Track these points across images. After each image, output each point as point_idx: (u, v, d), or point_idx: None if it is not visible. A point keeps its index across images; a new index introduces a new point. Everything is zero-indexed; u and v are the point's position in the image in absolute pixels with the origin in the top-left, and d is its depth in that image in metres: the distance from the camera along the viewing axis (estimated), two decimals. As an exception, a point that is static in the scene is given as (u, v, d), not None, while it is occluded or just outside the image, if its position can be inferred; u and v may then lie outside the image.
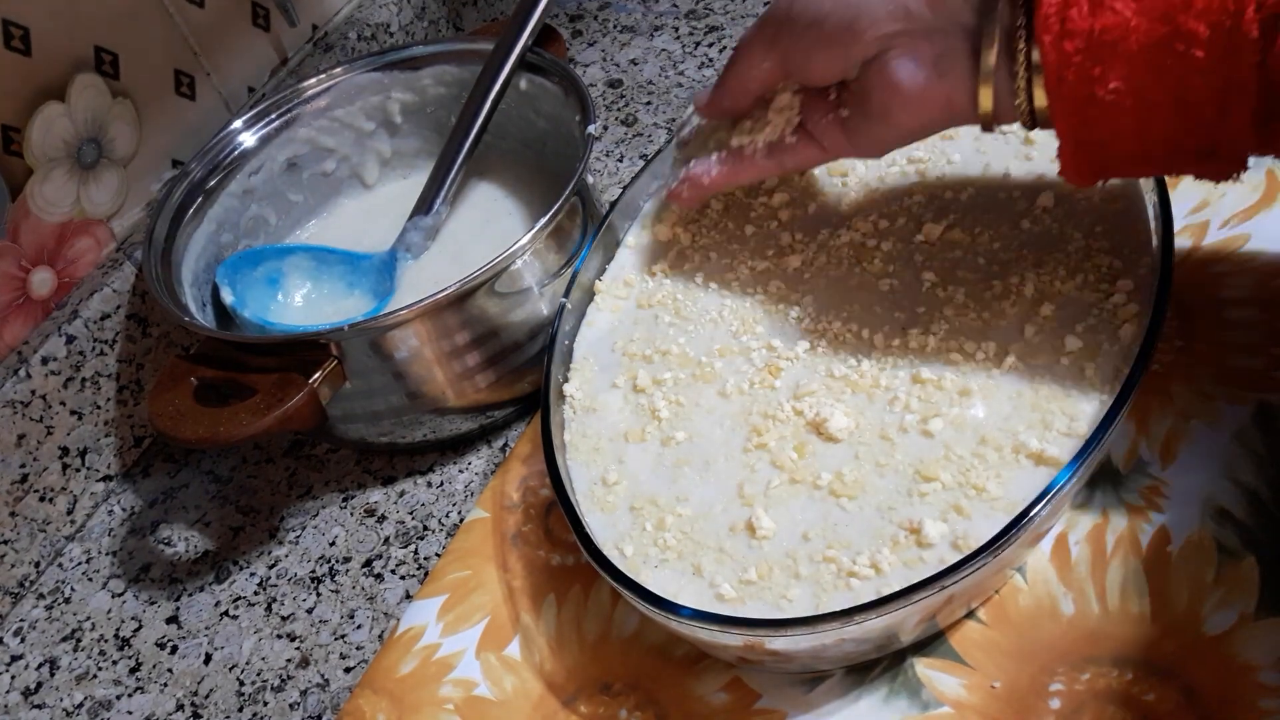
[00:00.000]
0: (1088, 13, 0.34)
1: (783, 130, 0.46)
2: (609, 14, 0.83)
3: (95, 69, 0.58)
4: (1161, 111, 0.35)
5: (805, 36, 0.42)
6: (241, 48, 0.68)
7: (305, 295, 0.62)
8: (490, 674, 0.46)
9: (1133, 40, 0.34)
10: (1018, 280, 0.45)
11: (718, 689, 0.43)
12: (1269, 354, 0.46)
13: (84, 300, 0.58)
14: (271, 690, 0.50)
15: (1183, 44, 0.33)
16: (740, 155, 0.47)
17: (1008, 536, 0.36)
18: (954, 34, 0.38)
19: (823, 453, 0.43)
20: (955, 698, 0.40)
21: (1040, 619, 0.41)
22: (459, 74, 0.64)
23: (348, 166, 0.68)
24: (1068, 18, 0.35)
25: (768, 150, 0.46)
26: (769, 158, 0.47)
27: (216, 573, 0.56)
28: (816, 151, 0.45)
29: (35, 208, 0.56)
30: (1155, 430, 0.45)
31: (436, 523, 0.54)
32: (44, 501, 0.58)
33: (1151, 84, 0.34)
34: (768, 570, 0.40)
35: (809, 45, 0.42)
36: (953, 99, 0.40)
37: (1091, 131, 0.37)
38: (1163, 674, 0.39)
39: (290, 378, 0.49)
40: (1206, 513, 0.42)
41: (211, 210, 0.62)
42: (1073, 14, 0.34)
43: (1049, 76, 0.36)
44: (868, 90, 0.41)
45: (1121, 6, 0.34)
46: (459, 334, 0.51)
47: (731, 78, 0.46)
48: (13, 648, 0.55)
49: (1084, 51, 0.35)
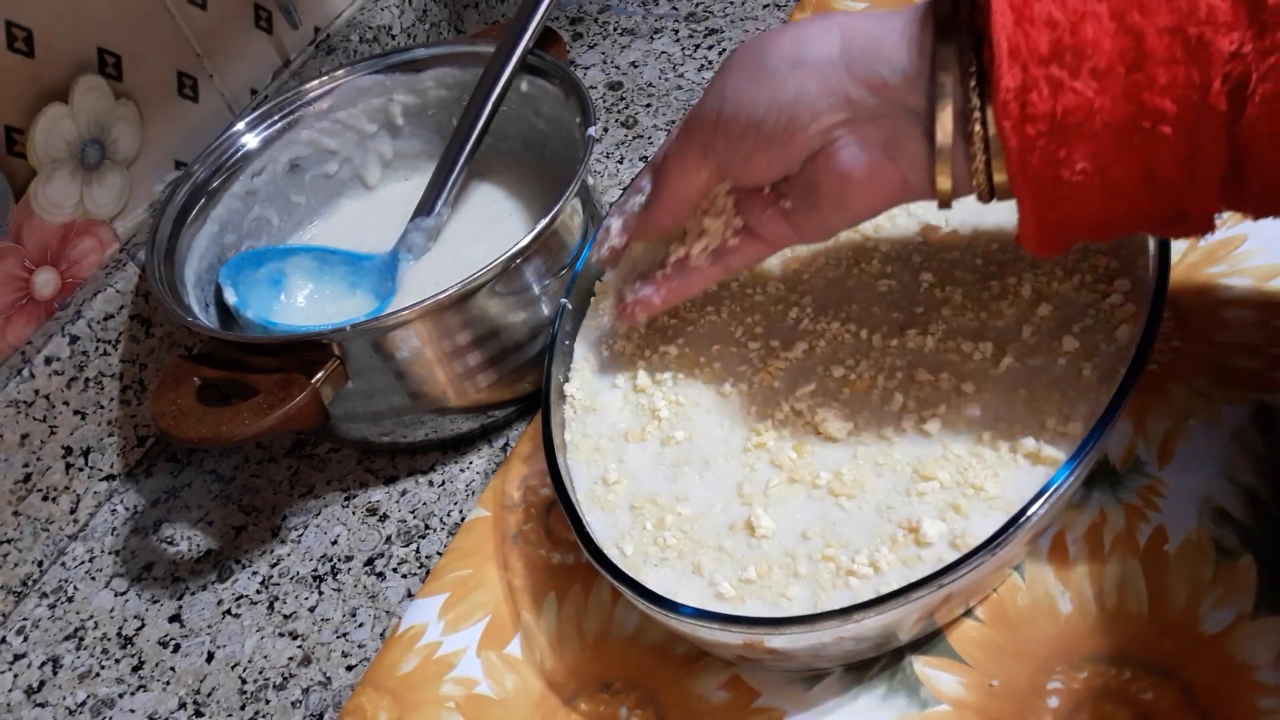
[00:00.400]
0: (1048, 95, 0.33)
1: (723, 235, 0.44)
2: (609, 17, 0.83)
3: (98, 70, 0.59)
4: (1129, 185, 0.34)
5: (743, 141, 0.40)
6: (244, 49, 0.68)
7: (308, 296, 0.62)
8: (491, 672, 0.47)
9: (1098, 120, 0.33)
10: (1015, 281, 0.45)
11: (717, 687, 0.43)
12: (1267, 354, 0.46)
13: (87, 301, 0.59)
14: (274, 688, 0.50)
15: (1149, 121, 0.32)
16: (685, 267, 0.45)
17: (1005, 535, 0.36)
18: (901, 117, 0.36)
19: (821, 452, 0.43)
20: (954, 696, 0.40)
21: (1038, 618, 0.42)
22: (460, 76, 0.64)
23: (350, 168, 0.68)
24: (1028, 101, 0.33)
25: (711, 257, 0.44)
26: (715, 264, 0.44)
27: (219, 571, 0.56)
28: (761, 247, 0.43)
29: (38, 208, 0.57)
30: (1153, 430, 0.45)
31: (438, 521, 0.54)
32: (47, 501, 0.58)
33: (1119, 161, 0.33)
34: (767, 569, 0.40)
35: (748, 150, 0.40)
36: (908, 180, 0.38)
37: (1058, 210, 0.35)
38: (1161, 673, 0.39)
39: (292, 378, 0.50)
40: (1204, 512, 0.42)
41: (214, 211, 0.62)
42: (1033, 97, 0.33)
43: (1011, 160, 0.34)
44: (814, 181, 0.39)
45: (1082, 87, 0.32)
46: (460, 334, 0.51)
47: (666, 196, 0.44)
48: (16, 646, 0.55)
49: (1047, 135, 0.33)
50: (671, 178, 0.43)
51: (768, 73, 0.38)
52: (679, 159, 0.43)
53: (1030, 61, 0.33)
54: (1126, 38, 0.32)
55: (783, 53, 0.38)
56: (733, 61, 0.40)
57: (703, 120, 0.41)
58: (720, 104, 0.40)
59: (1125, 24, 0.32)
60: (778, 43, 0.39)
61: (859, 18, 0.38)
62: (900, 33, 0.36)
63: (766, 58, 0.39)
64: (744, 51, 0.40)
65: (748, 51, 0.40)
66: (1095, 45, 0.32)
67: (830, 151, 0.38)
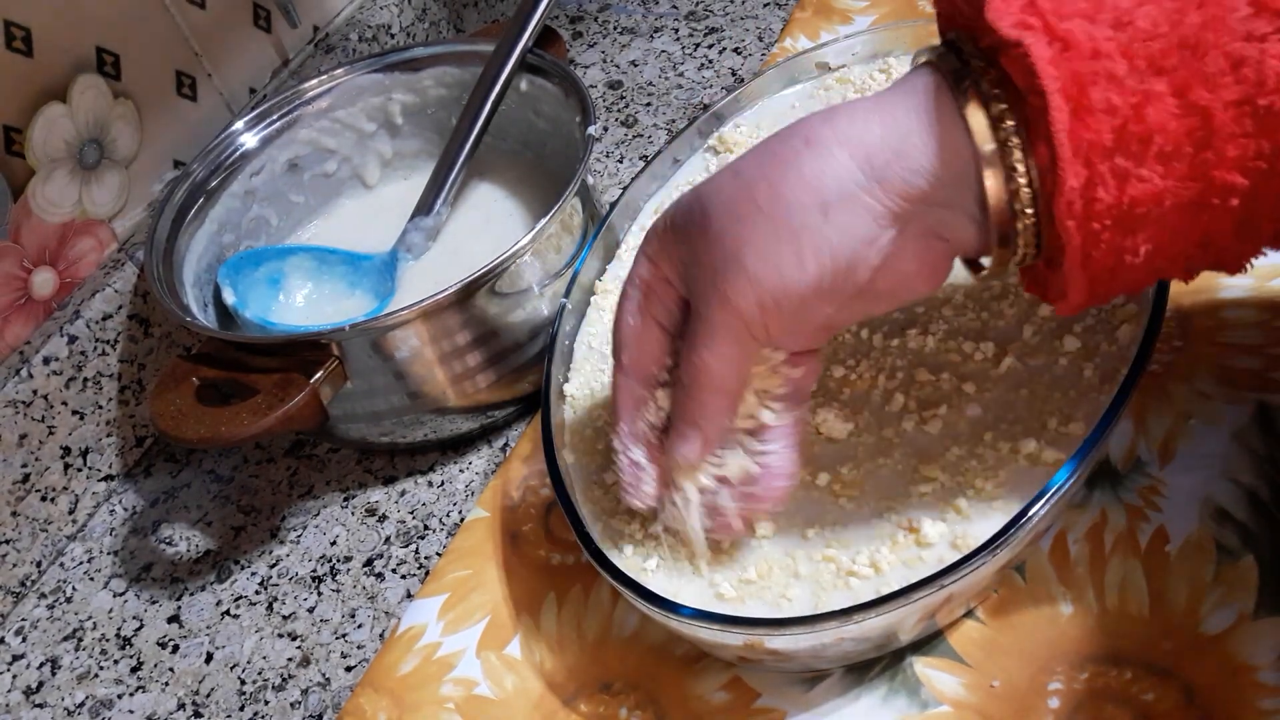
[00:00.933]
0: (1115, 188, 0.31)
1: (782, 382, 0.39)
2: (609, 15, 0.83)
3: (97, 70, 0.58)
4: (1182, 251, 0.33)
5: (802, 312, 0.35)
6: (243, 49, 0.68)
7: (306, 295, 0.62)
8: (491, 673, 0.47)
9: (1166, 204, 0.31)
10: (1016, 280, 0.45)
11: (717, 688, 0.43)
12: (1267, 354, 0.46)
13: (86, 300, 0.59)
14: (273, 689, 0.50)
15: (1218, 198, 0.31)
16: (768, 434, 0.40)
17: (1006, 536, 0.36)
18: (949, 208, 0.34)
19: (822, 452, 0.43)
20: (954, 697, 0.40)
21: (1039, 618, 0.41)
22: (460, 75, 0.64)
23: (349, 167, 0.68)
24: (1093, 198, 0.31)
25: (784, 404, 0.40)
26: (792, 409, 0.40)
27: (218, 572, 0.56)
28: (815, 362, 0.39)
29: (37, 208, 0.57)
30: (1154, 430, 0.45)
31: (437, 522, 0.54)
32: (46, 501, 0.58)
33: (1179, 236, 0.32)
34: (767, 569, 0.40)
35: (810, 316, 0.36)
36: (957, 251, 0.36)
37: (1109, 287, 0.34)
38: (1161, 673, 0.39)
39: (291, 378, 0.49)
40: (1205, 512, 0.42)
41: (213, 211, 0.62)
42: (1099, 193, 0.31)
43: (1071, 255, 0.32)
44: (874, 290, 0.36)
45: (1149, 174, 0.30)
46: (460, 334, 0.51)
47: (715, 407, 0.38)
48: (14, 647, 0.55)
49: (1113, 227, 0.31)
50: (717, 387, 0.37)
51: (797, 230, 0.34)
52: (725, 362, 0.37)
53: (1094, 156, 0.30)
54: (1193, 117, 0.30)
55: (802, 200, 0.34)
56: (740, 235, 0.35)
57: (740, 315, 0.35)
58: (758, 292, 0.35)
59: (1189, 102, 0.30)
60: (786, 190, 0.34)
61: (857, 124, 0.34)
62: (920, 134, 0.33)
63: (787, 213, 0.34)
64: (747, 218, 0.35)
65: (753, 217, 0.34)
66: (1161, 128, 0.30)
67: (886, 262, 0.35)
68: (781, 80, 0.59)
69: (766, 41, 0.75)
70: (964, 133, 0.32)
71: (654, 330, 0.39)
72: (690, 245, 0.37)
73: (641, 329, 0.39)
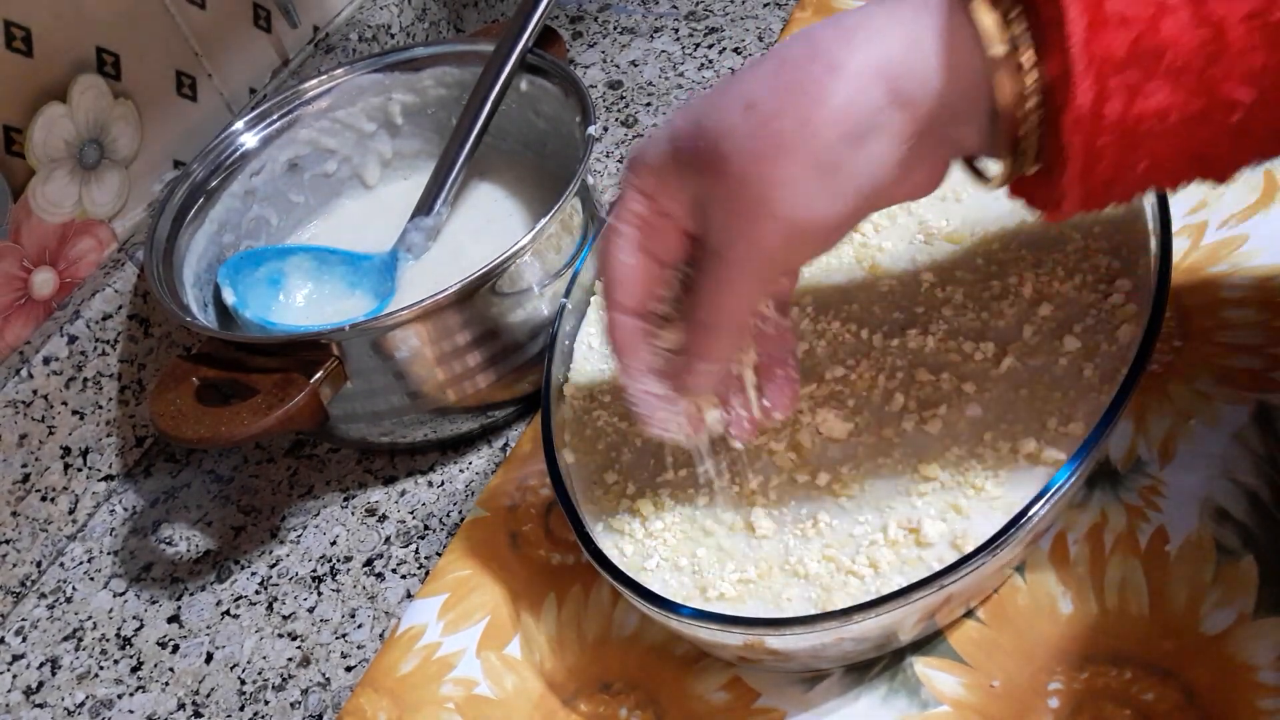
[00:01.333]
0: (1122, 104, 0.30)
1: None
2: (609, 15, 0.83)
3: (97, 70, 0.58)
4: (1176, 166, 0.33)
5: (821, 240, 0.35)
6: (243, 49, 0.68)
7: (307, 295, 0.62)
8: (491, 673, 0.47)
9: (1171, 119, 0.31)
10: (1016, 280, 0.45)
11: (717, 688, 0.43)
12: (1267, 354, 0.46)
13: (86, 300, 0.59)
14: (273, 689, 0.50)
15: (1221, 114, 0.31)
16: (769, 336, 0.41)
17: (1006, 536, 0.36)
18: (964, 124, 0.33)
19: (822, 452, 0.43)
20: (954, 697, 0.40)
21: (1039, 618, 0.41)
22: (460, 75, 0.64)
23: (349, 167, 0.68)
24: (1101, 114, 0.30)
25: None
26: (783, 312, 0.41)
27: (218, 572, 0.56)
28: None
29: (37, 208, 0.57)
30: (1154, 430, 0.45)
31: (437, 522, 0.54)
32: (46, 501, 0.58)
33: (1178, 152, 0.32)
34: (767, 569, 0.40)
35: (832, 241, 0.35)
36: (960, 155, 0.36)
37: (1102, 200, 0.34)
38: (1161, 673, 0.39)
39: (292, 378, 0.49)
40: (1205, 512, 0.42)
41: (213, 211, 0.62)
42: (1106, 109, 0.30)
43: (1073, 169, 0.32)
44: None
45: (1156, 88, 0.30)
46: (460, 334, 0.51)
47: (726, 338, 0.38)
48: (14, 647, 0.55)
49: (1117, 144, 0.31)
50: (737, 324, 0.37)
51: (830, 167, 0.33)
52: (747, 300, 0.36)
53: (1106, 69, 0.30)
54: (1206, 30, 0.30)
55: (832, 135, 0.33)
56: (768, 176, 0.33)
57: (768, 254, 0.35)
58: (788, 231, 0.34)
59: (1204, 14, 0.30)
60: (816, 126, 0.33)
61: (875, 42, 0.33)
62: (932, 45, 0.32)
63: (819, 150, 0.33)
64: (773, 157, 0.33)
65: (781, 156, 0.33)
66: (1174, 42, 0.30)
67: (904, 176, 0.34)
68: (781, 80, 0.59)
69: (766, 41, 0.75)
70: (973, 38, 0.32)
71: (651, 267, 0.38)
72: (704, 184, 0.35)
73: (638, 267, 0.38)
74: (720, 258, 0.35)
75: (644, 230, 0.37)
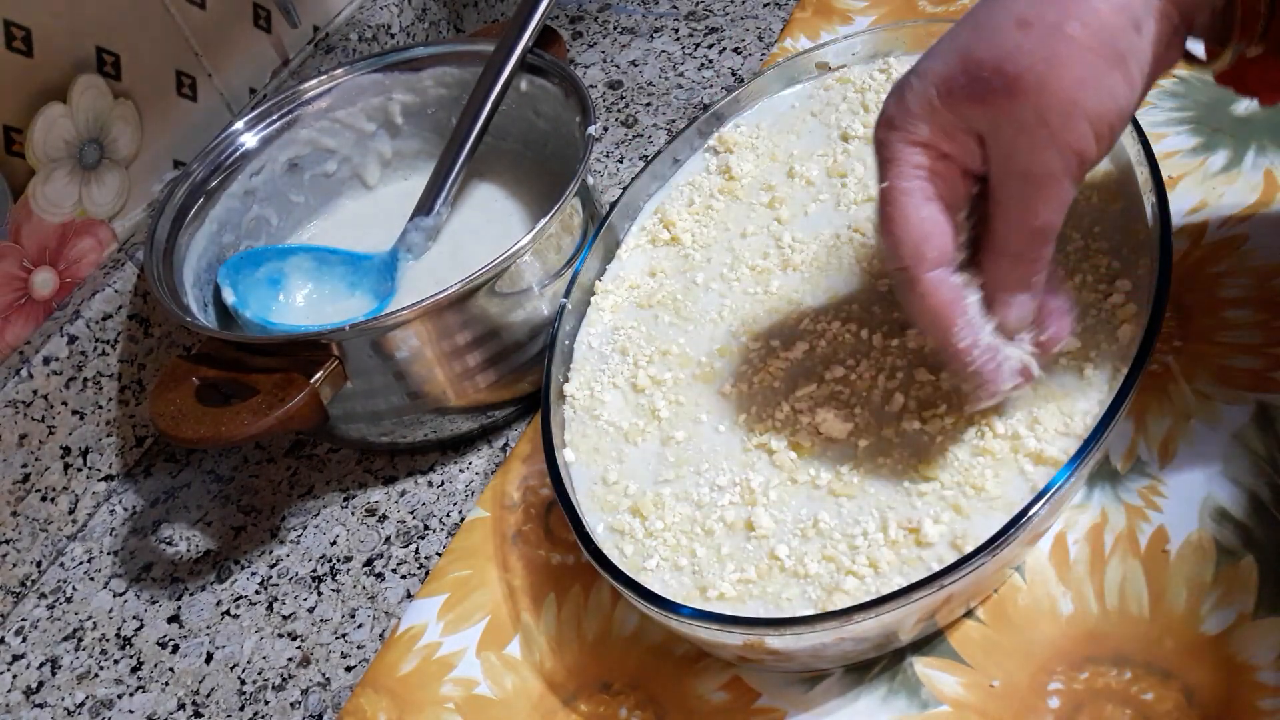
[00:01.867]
0: None
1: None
2: (609, 15, 0.83)
3: (97, 70, 0.58)
4: None
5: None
6: (243, 49, 0.68)
7: (307, 295, 0.62)
8: (491, 673, 0.47)
9: None
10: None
11: (717, 688, 0.43)
12: (1268, 354, 0.46)
13: (86, 300, 0.59)
14: (273, 689, 0.50)
15: None
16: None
17: (1006, 536, 0.36)
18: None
19: (821, 452, 0.43)
20: (954, 697, 0.40)
21: (1039, 618, 0.41)
22: (460, 75, 0.64)
23: (349, 167, 0.68)
24: None
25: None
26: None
27: (218, 572, 0.56)
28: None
29: (37, 208, 0.57)
30: (1154, 430, 0.45)
31: (437, 522, 0.54)
32: (46, 501, 0.58)
33: None
34: (767, 569, 0.40)
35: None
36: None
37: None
38: (1161, 673, 0.39)
39: (292, 378, 0.49)
40: (1205, 512, 0.42)
41: (213, 211, 0.62)
42: None
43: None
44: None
45: None
46: (460, 334, 0.51)
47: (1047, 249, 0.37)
48: (14, 647, 0.55)
49: None
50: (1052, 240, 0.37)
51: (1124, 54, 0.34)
52: (1061, 213, 0.36)
53: None
54: None
55: (1120, 23, 0.34)
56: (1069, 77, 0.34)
57: (1081, 156, 0.35)
58: (1097, 127, 0.34)
59: None
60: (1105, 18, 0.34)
61: None
62: None
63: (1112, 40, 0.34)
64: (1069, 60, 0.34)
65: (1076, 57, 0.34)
66: None
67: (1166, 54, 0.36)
68: (781, 80, 0.59)
69: (766, 41, 0.75)
70: None
71: (947, 215, 0.37)
72: (988, 112, 0.35)
73: (939, 217, 0.37)
74: (1027, 178, 0.35)
75: (930, 179, 0.37)
